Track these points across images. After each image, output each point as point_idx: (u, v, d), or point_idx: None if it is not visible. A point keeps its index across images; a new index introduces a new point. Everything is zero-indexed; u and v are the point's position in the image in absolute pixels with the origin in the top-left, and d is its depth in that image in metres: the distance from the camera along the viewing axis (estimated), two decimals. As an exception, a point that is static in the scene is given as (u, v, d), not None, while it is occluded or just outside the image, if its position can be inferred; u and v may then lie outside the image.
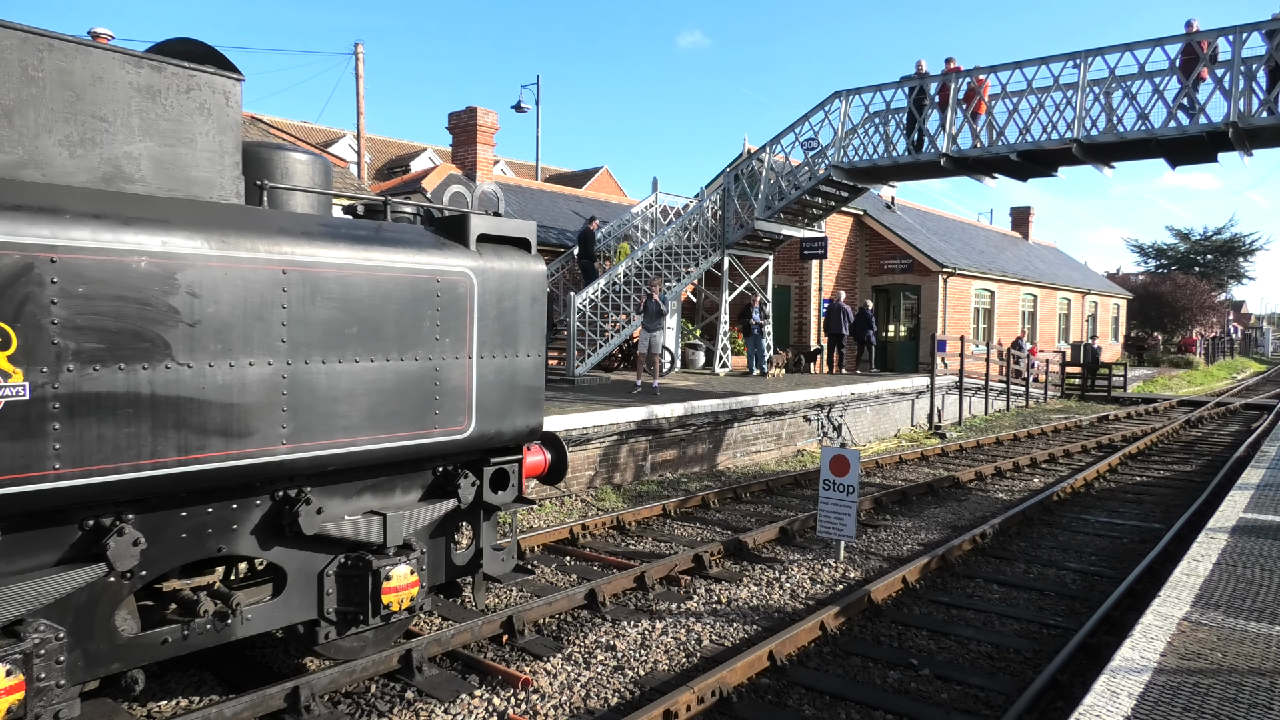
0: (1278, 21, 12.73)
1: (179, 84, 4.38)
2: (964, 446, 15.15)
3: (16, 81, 3.85)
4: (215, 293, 4.09)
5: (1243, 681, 4.20)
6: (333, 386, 4.57)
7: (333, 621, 4.94)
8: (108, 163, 4.17)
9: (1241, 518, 7.67)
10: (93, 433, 3.72)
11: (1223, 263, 56.18)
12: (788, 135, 17.26)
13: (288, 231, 4.45)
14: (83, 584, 3.85)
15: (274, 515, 4.60)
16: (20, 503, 3.57)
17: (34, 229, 3.53)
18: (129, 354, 3.81)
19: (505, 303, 5.43)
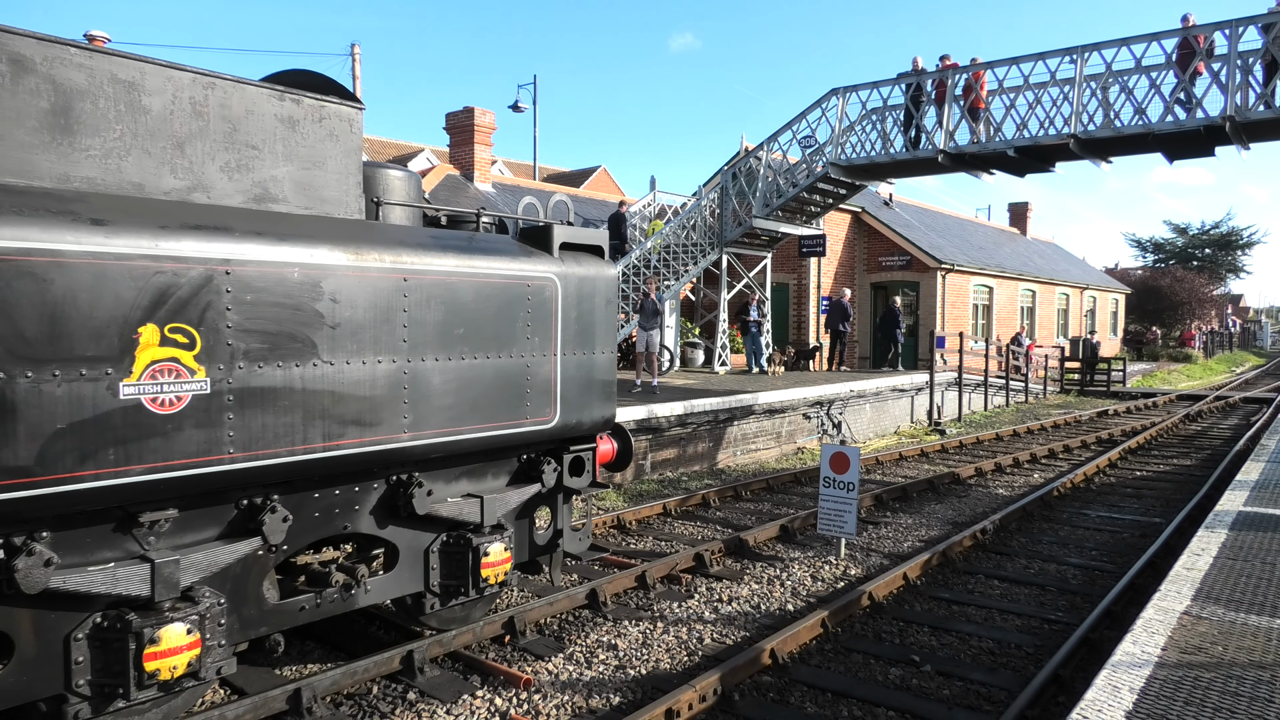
0: (1274, 15, 12.73)
1: (313, 114, 4.94)
2: (964, 443, 15.16)
3: (187, 116, 4.42)
4: (351, 299, 4.60)
5: (1244, 675, 4.20)
6: (444, 381, 5.09)
7: (437, 593, 5.45)
8: (258, 185, 4.73)
9: (1242, 511, 7.68)
10: (258, 422, 4.23)
11: (1220, 256, 56.24)
12: (785, 133, 17.26)
13: (406, 244, 4.98)
14: (242, 556, 4.36)
15: (389, 497, 5.10)
16: (202, 483, 4.09)
17: (213, 245, 4.04)
18: (285, 353, 4.33)
19: (584, 305, 5.99)
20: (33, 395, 3.51)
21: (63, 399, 3.59)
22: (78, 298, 3.63)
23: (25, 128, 3.92)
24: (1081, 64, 14.04)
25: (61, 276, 3.57)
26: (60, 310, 3.58)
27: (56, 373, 3.58)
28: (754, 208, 17.87)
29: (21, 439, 3.48)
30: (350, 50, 23.24)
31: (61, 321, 3.59)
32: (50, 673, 3.83)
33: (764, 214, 17.83)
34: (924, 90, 15.62)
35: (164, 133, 4.35)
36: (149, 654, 3.89)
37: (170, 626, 3.96)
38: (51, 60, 4.01)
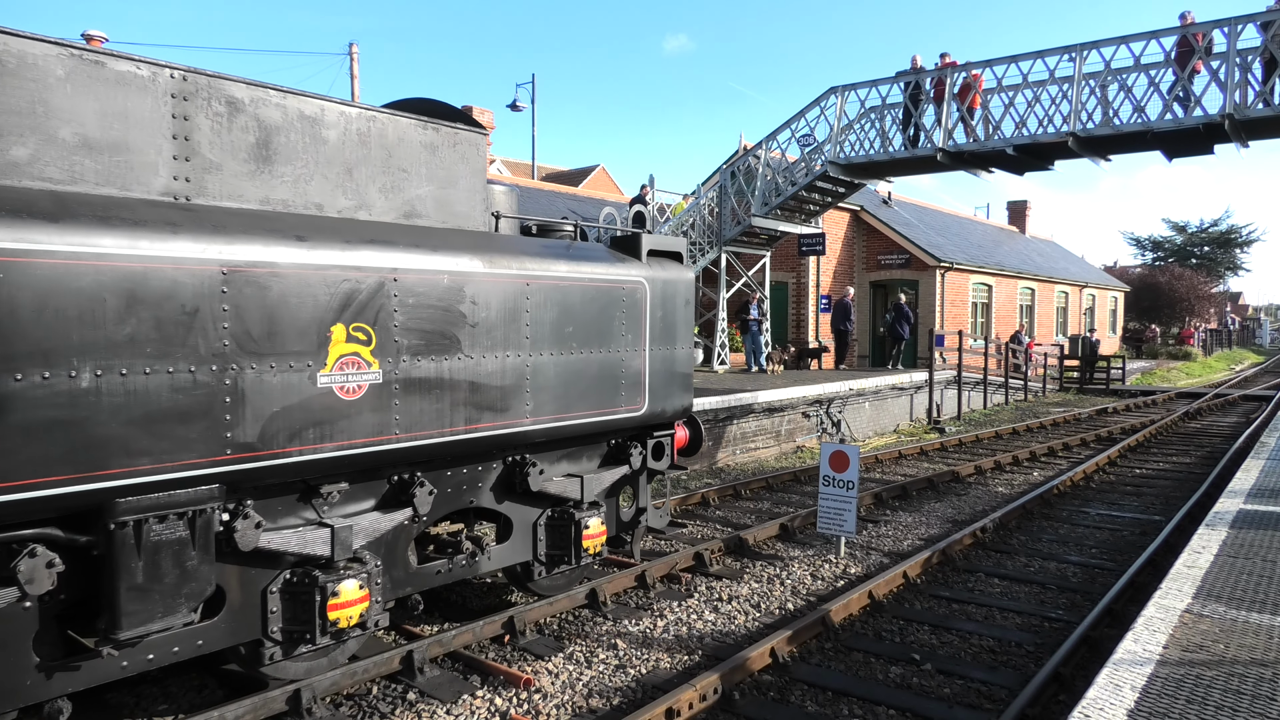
0: (1273, 13, 12.73)
1: (449, 140, 5.63)
2: (963, 441, 15.16)
3: (355, 146, 5.12)
4: (487, 301, 5.31)
5: (1245, 673, 4.20)
6: (556, 373, 5.81)
7: (543, 563, 6.17)
8: (407, 204, 5.41)
9: (1242, 509, 7.67)
10: (416, 407, 4.92)
11: (1219, 254, 56.24)
12: (784, 131, 17.24)
13: (525, 252, 5.68)
14: (396, 524, 5.06)
15: (506, 476, 5.82)
16: (372, 460, 4.78)
17: (383, 256, 4.75)
18: (437, 348, 5.03)
19: (668, 304, 6.69)
20: (256, 384, 4.22)
21: (278, 387, 4.30)
22: (288, 302, 4.33)
23: (238, 159, 4.62)
24: (1080, 62, 14.04)
25: (276, 284, 4.28)
26: (276, 312, 4.29)
27: (273, 365, 4.29)
28: (753, 206, 17.86)
29: (249, 421, 4.19)
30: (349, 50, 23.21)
31: (276, 322, 4.29)
32: (251, 620, 4.55)
33: (763, 212, 17.82)
34: (923, 89, 15.61)
35: (338, 160, 5.06)
36: (331, 605, 4.61)
37: (347, 582, 4.66)
38: (256, 101, 4.68)
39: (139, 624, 3.92)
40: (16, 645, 3.79)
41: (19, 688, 3.80)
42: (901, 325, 20.70)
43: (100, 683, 4.08)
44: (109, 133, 4.17)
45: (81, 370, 3.66)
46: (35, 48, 3.97)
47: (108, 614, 3.92)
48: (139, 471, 3.86)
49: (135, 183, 4.26)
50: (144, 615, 3.93)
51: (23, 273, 3.49)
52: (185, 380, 3.98)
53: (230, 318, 4.11)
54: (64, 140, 4.04)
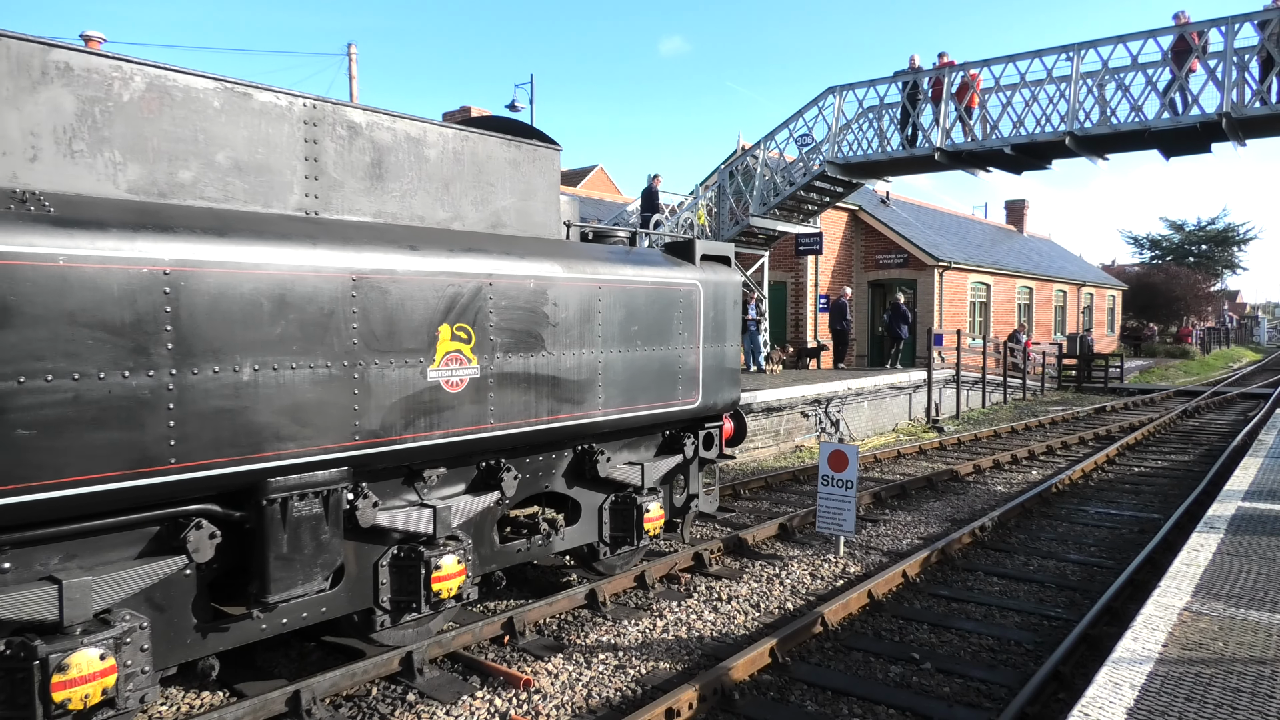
0: (1270, 12, 12.74)
1: (529, 156, 6.16)
2: (962, 440, 15.17)
3: (450, 163, 5.64)
4: (566, 303, 5.86)
5: (1245, 671, 4.20)
6: (623, 369, 6.37)
7: (607, 544, 6.75)
8: (493, 215, 5.93)
9: (1240, 507, 7.68)
10: (507, 400, 5.48)
11: (1217, 253, 56.29)
12: (782, 131, 17.24)
13: (596, 258, 6.23)
14: (485, 506, 5.59)
15: (576, 463, 6.39)
16: (470, 447, 5.32)
17: (480, 262, 5.29)
18: (524, 346, 5.59)
19: (718, 305, 7.26)
20: (379, 378, 4.75)
21: (395, 381, 4.84)
22: (404, 304, 4.86)
23: (356, 176, 5.14)
24: (1078, 61, 14.04)
25: (395, 289, 4.82)
26: (394, 314, 4.82)
27: (392, 360, 4.81)
28: (751, 206, 17.86)
29: (372, 410, 4.73)
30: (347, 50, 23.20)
31: (395, 322, 4.82)
32: (365, 591, 5.07)
33: (761, 212, 17.82)
34: (920, 88, 15.61)
35: (437, 176, 5.57)
36: (434, 578, 5.11)
37: (447, 557, 5.20)
38: (371, 125, 5.20)
39: (284, 589, 4.48)
40: (180, 608, 4.31)
41: (180, 645, 4.32)
42: (900, 324, 20.70)
43: (244, 643, 4.59)
44: (254, 156, 4.70)
45: (243, 365, 4.21)
46: (198, 82, 4.48)
47: (258, 580, 4.46)
48: (286, 455, 4.39)
49: (275, 200, 4.79)
50: (288, 582, 4.50)
51: (198, 281, 4.04)
52: (323, 374, 4.53)
53: (359, 319, 4.67)
54: (219, 163, 4.57)
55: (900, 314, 20.69)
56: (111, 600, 3.92)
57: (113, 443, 3.79)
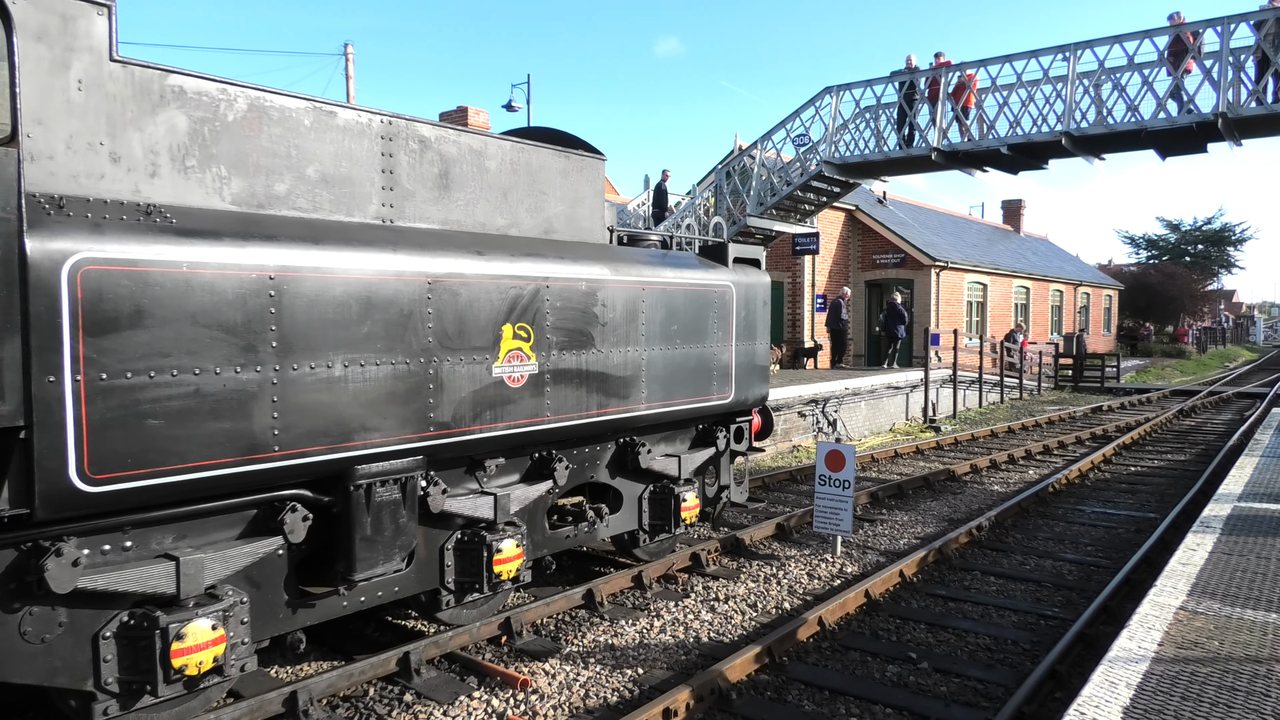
0: (1265, 12, 12.78)
1: (576, 165, 6.54)
2: (959, 439, 15.19)
3: (508, 173, 6.01)
4: (613, 304, 6.23)
5: (1240, 669, 4.21)
6: (664, 366, 6.73)
7: (646, 531, 7.10)
8: (545, 221, 6.32)
9: (1236, 506, 7.70)
10: (561, 395, 5.85)
11: (1213, 252, 56.40)
12: (779, 131, 17.26)
13: (638, 261, 6.63)
14: (539, 494, 5.93)
15: (619, 455, 6.74)
16: (527, 438, 5.71)
17: (538, 266, 5.67)
18: (576, 344, 5.96)
19: (750, 305, 7.62)
20: (451, 373, 5.13)
21: (465, 376, 5.21)
22: (472, 305, 5.24)
23: (426, 187, 5.50)
24: (1074, 61, 14.07)
25: (465, 291, 5.19)
26: (464, 314, 5.20)
27: (462, 357, 5.19)
28: (748, 206, 17.87)
29: (445, 404, 5.09)
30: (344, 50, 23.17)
31: (464, 322, 5.20)
32: (432, 572, 5.42)
33: (758, 212, 17.84)
34: (917, 88, 15.63)
35: (497, 185, 5.94)
36: (496, 560, 5.48)
37: (506, 541, 5.55)
38: (439, 139, 5.57)
39: (367, 568, 4.87)
40: (274, 585, 4.65)
41: (274, 620, 4.67)
42: (896, 324, 20.73)
43: (328, 619, 4.95)
44: (339, 169, 5.06)
45: (335, 362, 4.58)
46: (291, 102, 4.82)
47: (344, 560, 4.82)
48: (371, 444, 4.77)
49: (357, 209, 5.16)
50: (371, 561, 4.88)
51: (297, 285, 4.40)
52: (403, 370, 4.89)
53: (433, 319, 5.03)
54: (309, 176, 4.92)
55: (897, 314, 20.71)
56: (218, 576, 4.27)
57: (227, 432, 4.16)
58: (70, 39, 3.94)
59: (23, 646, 3.80)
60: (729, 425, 7.76)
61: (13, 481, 3.57)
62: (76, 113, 3.99)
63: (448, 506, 5.30)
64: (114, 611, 4.04)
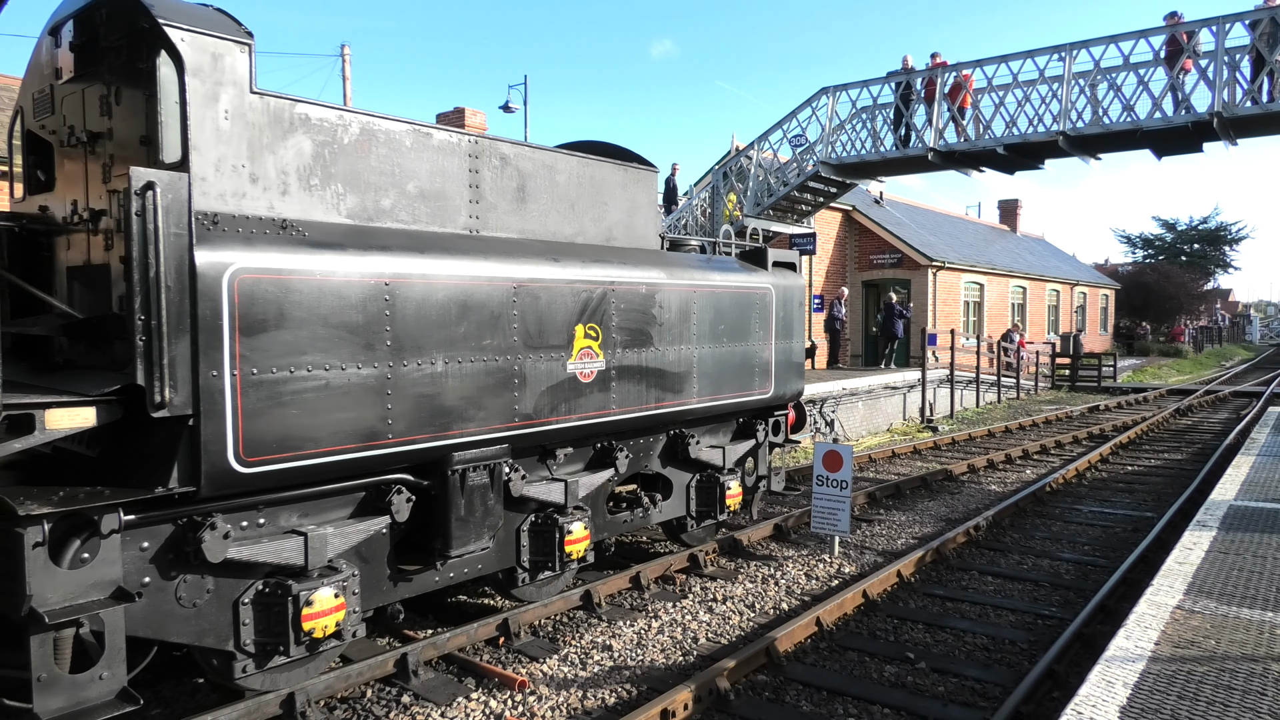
0: (1260, 11, 12.79)
1: (633, 178, 7.06)
2: (956, 439, 15.20)
3: (575, 185, 6.52)
4: (669, 305, 6.78)
5: (1236, 668, 4.22)
6: (712, 363, 7.25)
7: (693, 517, 7.60)
8: (607, 229, 6.83)
9: (1233, 505, 7.72)
10: (624, 390, 6.40)
11: (1209, 252, 56.50)
12: (775, 132, 17.25)
13: (689, 265, 7.18)
14: (602, 482, 6.46)
15: (670, 446, 7.26)
16: (594, 430, 6.23)
17: (606, 271, 6.22)
18: (637, 342, 6.51)
19: (787, 305, 8.13)
20: (532, 370, 5.67)
21: (544, 372, 5.76)
22: (550, 307, 5.78)
23: (506, 200, 6.00)
24: (1070, 61, 14.08)
25: (544, 295, 5.73)
26: (543, 315, 5.73)
27: (541, 355, 5.72)
28: (745, 206, 17.86)
29: (527, 397, 5.65)
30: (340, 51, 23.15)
31: (543, 322, 5.74)
32: (509, 552, 5.92)
33: (755, 213, 17.82)
34: (914, 89, 15.64)
35: (565, 197, 6.44)
36: (567, 541, 6.00)
37: (575, 524, 6.06)
38: (517, 156, 6.06)
39: (461, 546, 5.40)
40: (379, 560, 5.14)
41: (378, 592, 5.14)
42: (893, 324, 20.74)
43: (422, 592, 5.44)
44: (434, 185, 5.54)
45: (437, 359, 5.08)
46: (395, 126, 5.31)
47: (441, 538, 5.33)
48: (466, 433, 5.29)
49: (448, 221, 5.62)
50: (464, 540, 5.41)
51: (407, 290, 4.91)
52: (492, 366, 5.43)
53: (518, 320, 5.57)
54: (410, 192, 5.40)
55: (894, 314, 20.73)
56: (337, 551, 4.75)
57: (351, 421, 4.66)
58: (219, 74, 4.42)
59: (179, 610, 4.31)
60: (767, 419, 8.29)
61: (181, 463, 4.06)
62: (224, 139, 4.46)
63: (526, 491, 5.82)
64: (251, 581, 4.54)
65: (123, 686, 3.93)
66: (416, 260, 4.99)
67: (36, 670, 3.68)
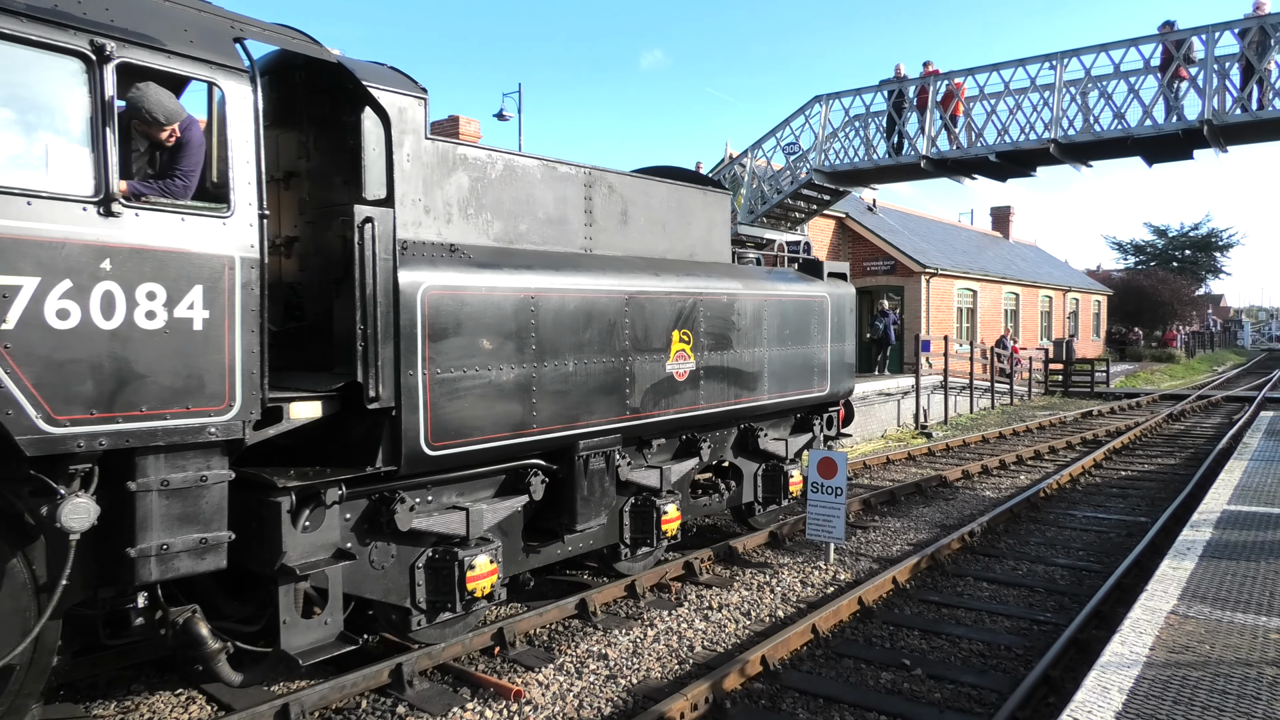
0: (1250, 20, 12.91)
1: (711, 199, 7.97)
2: (950, 445, 15.23)
3: (665, 207, 7.42)
4: (744, 312, 7.66)
5: (1231, 673, 4.23)
6: (779, 363, 8.15)
7: (759, 502, 8.48)
8: (690, 246, 7.69)
9: (1226, 510, 7.75)
10: (710, 387, 7.29)
11: (1200, 258, 56.79)
12: (769, 140, 17.33)
13: (759, 277, 8.10)
14: (689, 469, 7.35)
15: (740, 438, 8.10)
16: (684, 423, 7.15)
17: (696, 283, 7.16)
18: (719, 345, 7.37)
19: (840, 312, 9.07)
20: (639, 369, 6.57)
21: (648, 372, 6.65)
22: (654, 315, 6.69)
23: (612, 222, 6.89)
24: (1061, 70, 14.19)
25: (649, 304, 6.65)
26: (648, 322, 6.63)
27: (646, 356, 6.61)
28: (738, 214, 17.91)
29: (635, 393, 6.55)
30: (333, 61, 23.14)
31: (648, 329, 6.64)
32: (613, 531, 6.83)
33: (748, 220, 17.86)
34: (906, 97, 15.73)
35: (658, 219, 7.33)
36: (663, 520, 6.87)
37: (669, 505, 6.94)
38: (621, 183, 6.95)
39: (584, 522, 6.26)
40: (515, 534, 6.05)
41: (514, 562, 6.04)
42: (887, 331, 20.81)
43: (548, 563, 6.39)
44: (558, 211, 6.42)
45: (568, 360, 5.96)
46: (529, 162, 6.24)
47: (567, 515, 6.20)
48: (589, 424, 6.17)
49: (568, 242, 6.49)
50: (586, 516, 6.28)
51: (546, 302, 5.79)
52: (610, 366, 6.31)
53: (629, 326, 6.46)
54: (539, 217, 6.27)
55: (887, 320, 20.84)
56: (489, 524, 5.59)
57: (506, 413, 5.53)
58: (404, 124, 5.20)
59: (371, 572, 5.16)
60: (822, 414, 9.26)
61: (385, 447, 4.92)
62: (406, 178, 5.25)
63: (630, 476, 6.70)
64: (423, 548, 5.39)
65: (341, 630, 4.78)
66: (553, 276, 5.87)
67: (284, 614, 4.50)
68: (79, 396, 3.73)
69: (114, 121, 3.87)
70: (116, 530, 3.99)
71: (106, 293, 3.81)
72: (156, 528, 4.02)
